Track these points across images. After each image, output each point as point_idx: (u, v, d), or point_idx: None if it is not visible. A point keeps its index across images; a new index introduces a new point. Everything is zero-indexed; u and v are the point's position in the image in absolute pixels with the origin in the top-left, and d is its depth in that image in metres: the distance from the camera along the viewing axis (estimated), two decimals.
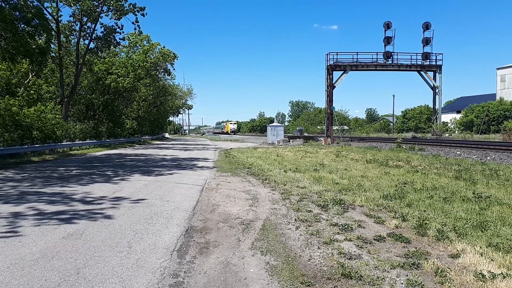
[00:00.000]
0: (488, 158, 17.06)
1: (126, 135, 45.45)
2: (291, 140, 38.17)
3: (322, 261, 4.40)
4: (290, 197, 8.33)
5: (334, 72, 37.20)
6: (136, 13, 31.96)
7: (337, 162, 16.08)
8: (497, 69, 68.03)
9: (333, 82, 37.07)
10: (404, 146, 24.40)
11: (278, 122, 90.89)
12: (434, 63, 38.69)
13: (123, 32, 34.23)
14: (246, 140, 49.94)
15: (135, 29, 33.85)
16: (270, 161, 16.63)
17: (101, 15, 31.06)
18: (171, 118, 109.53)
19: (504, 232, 5.31)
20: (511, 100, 58.02)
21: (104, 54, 37.89)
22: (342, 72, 37.23)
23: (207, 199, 8.32)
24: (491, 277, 3.78)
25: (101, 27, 32.06)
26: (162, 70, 46.13)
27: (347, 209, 7.07)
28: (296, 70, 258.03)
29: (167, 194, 8.92)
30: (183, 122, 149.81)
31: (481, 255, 4.42)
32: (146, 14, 32.40)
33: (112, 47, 35.19)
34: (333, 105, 38.39)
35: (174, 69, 48.33)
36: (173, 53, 43.59)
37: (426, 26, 38.14)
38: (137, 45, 42.26)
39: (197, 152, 26.81)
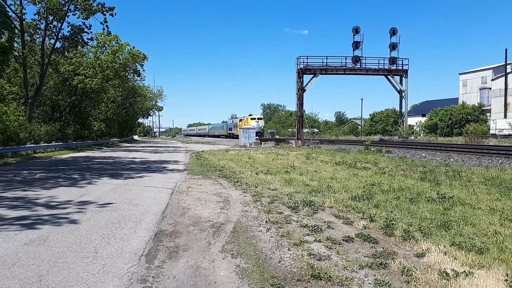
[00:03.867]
0: (451, 160, 17.73)
1: (94, 137, 44.26)
2: (262, 143, 38.32)
3: (292, 262, 4.42)
4: (262, 199, 8.35)
5: (304, 75, 37.70)
6: (105, 13, 31.23)
7: (308, 164, 16.27)
8: (460, 74, 70.94)
9: (304, 86, 37.56)
10: (372, 149, 24.98)
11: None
12: (400, 67, 39.92)
13: (91, 32, 33.32)
14: (218, 143, 49.73)
15: (103, 29, 33.07)
16: (242, 164, 16.62)
17: (68, 14, 30.16)
18: (140, 120, 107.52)
19: (466, 231, 5.51)
20: (473, 104, 60.66)
21: (71, 54, 36.79)
22: (312, 75, 37.79)
23: (177, 202, 8.21)
24: (454, 275, 3.91)
25: (68, 26, 31.16)
26: (131, 71, 45.26)
27: (317, 210, 7.16)
28: (268, 73, 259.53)
29: (136, 198, 8.74)
30: (153, 124, 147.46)
31: (445, 254, 4.56)
32: (116, 15, 31.78)
33: (79, 47, 34.26)
34: (304, 108, 38.89)
35: (144, 70, 47.60)
36: (143, 54, 42.89)
37: (393, 32, 39.29)
38: (106, 45, 41.20)
39: (167, 154, 26.45)
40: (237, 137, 59.07)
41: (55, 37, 31.00)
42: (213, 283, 3.88)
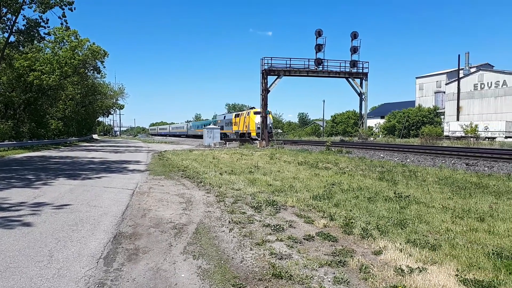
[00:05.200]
0: (408, 160, 18.46)
1: (51, 136, 42.45)
2: (227, 143, 38.23)
3: (254, 262, 4.45)
4: (225, 199, 8.33)
5: (268, 76, 37.99)
6: (64, 7, 29.91)
7: (271, 164, 16.41)
8: (416, 78, 73.97)
9: (268, 86, 37.83)
10: (333, 149, 25.56)
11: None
12: (361, 70, 41.07)
13: (48, 27, 31.70)
14: (181, 143, 49.07)
15: (62, 24, 31.60)
16: (205, 164, 16.51)
17: (23, 7, 28.66)
18: (100, 119, 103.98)
19: (421, 229, 5.76)
20: (428, 107, 63.47)
21: (26, 49, 35.03)
22: (276, 77, 38.14)
23: (138, 203, 8.04)
24: (409, 272, 4.08)
25: (23, 20, 29.61)
26: (91, 68, 43.77)
27: (279, 210, 7.24)
28: (233, 73, 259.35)
29: (95, 199, 8.47)
30: (113, 123, 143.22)
31: (401, 251, 4.74)
32: (75, 9, 30.49)
33: (35, 41, 32.64)
34: (268, 109, 39.16)
35: (104, 67, 46.18)
36: (103, 50, 41.57)
37: (354, 36, 40.33)
38: (64, 40, 39.53)
39: (128, 154, 25.81)
40: (231, 139, 46.75)
41: (9, 30, 29.38)
42: (174, 285, 3.84)
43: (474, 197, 8.27)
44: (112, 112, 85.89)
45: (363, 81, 41.43)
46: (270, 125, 44.42)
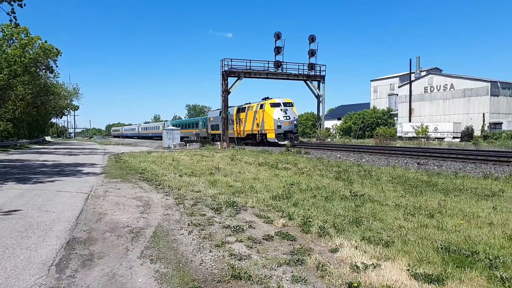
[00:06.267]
0: (363, 160, 19.09)
1: None
2: (188, 144, 37.76)
3: (213, 264, 4.44)
4: (184, 201, 8.23)
5: (229, 78, 37.94)
6: (12, 2, 28.30)
7: (232, 165, 16.40)
8: (371, 81, 76.71)
9: (228, 88, 37.80)
10: (292, 150, 25.97)
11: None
12: (318, 73, 41.98)
13: None
14: (139, 144, 47.88)
15: (10, 20, 29.75)
16: (164, 166, 16.22)
17: None
18: (54, 120, 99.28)
19: (375, 226, 5.97)
20: (382, 109, 66.02)
21: None
22: (237, 78, 38.18)
23: (93, 207, 7.76)
24: (364, 268, 4.22)
25: None
26: (43, 67, 41.70)
27: (240, 211, 7.26)
28: (193, 74, 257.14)
29: (47, 204, 8.09)
30: (68, 124, 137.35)
31: (356, 248, 4.88)
32: (25, 5, 28.87)
33: None
34: (229, 110, 39.11)
35: (57, 66, 43.82)
36: (56, 49, 39.72)
37: (312, 39, 41.14)
38: (13, 38, 37.47)
39: (83, 157, 24.86)
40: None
41: None
42: None
43: (425, 194, 8.68)
44: (66, 113, 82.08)
45: (321, 83, 42.36)
46: (295, 121, 35.29)
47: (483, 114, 51.19)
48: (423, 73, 62.68)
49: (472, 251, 4.62)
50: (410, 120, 57.18)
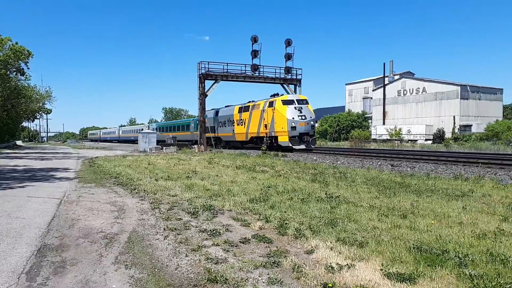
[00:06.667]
0: (339, 162, 19.37)
1: None
2: (164, 148, 37.30)
3: (189, 268, 4.41)
4: (160, 206, 8.13)
5: (206, 81, 37.75)
6: None
7: (209, 168, 16.32)
8: (346, 84, 78.02)
9: (206, 91, 37.59)
10: (270, 153, 26.08)
11: (152, 129, 77.33)
12: (295, 77, 42.28)
13: None
14: (114, 148, 47.01)
15: None
16: (140, 170, 15.99)
17: None
18: (25, 124, 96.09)
19: (350, 227, 6.07)
20: (357, 112, 67.22)
21: None
22: (214, 81, 38.02)
23: (65, 213, 7.57)
24: (339, 269, 4.28)
25: None
26: (14, 69, 40.44)
27: (217, 214, 7.23)
28: (169, 77, 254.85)
29: (16, 210, 7.83)
30: (40, 128, 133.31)
31: (331, 249, 4.95)
32: None
33: None
34: (206, 113, 38.91)
35: (28, 68, 42.72)
36: (27, 51, 38.73)
37: (288, 43, 41.43)
38: None
39: (56, 161, 24.19)
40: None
41: None
42: None
43: (398, 195, 8.87)
44: (38, 117, 79.68)
45: (297, 87, 42.68)
46: (312, 121, 29.99)
47: (454, 117, 52.89)
48: (396, 77, 64.24)
49: (442, 250, 4.76)
50: (384, 123, 58.43)
